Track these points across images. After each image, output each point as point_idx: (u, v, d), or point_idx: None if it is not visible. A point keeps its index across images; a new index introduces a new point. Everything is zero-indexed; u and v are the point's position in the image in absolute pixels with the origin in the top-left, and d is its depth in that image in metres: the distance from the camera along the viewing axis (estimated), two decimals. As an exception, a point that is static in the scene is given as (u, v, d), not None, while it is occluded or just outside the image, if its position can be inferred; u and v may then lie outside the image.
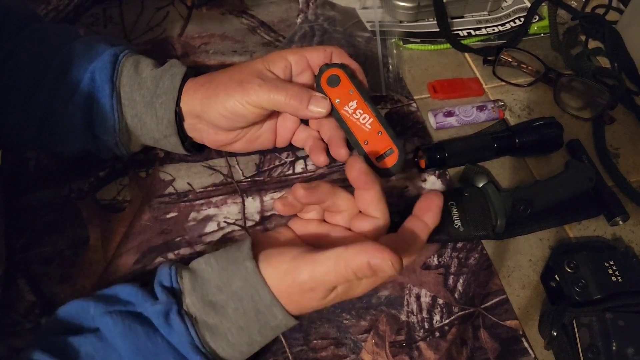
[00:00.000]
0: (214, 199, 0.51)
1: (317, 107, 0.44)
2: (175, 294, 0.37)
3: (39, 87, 0.45)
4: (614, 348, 0.40)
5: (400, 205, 0.51)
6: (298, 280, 0.36)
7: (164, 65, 0.47)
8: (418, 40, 0.66)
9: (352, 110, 0.45)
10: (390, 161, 0.45)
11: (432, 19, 0.68)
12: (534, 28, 0.69)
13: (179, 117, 0.46)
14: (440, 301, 0.46)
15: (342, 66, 0.46)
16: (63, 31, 0.49)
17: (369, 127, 0.45)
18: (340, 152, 0.47)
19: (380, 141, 0.45)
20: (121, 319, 0.35)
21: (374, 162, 0.45)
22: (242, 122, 0.46)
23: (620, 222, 0.52)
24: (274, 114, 0.49)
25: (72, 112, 0.45)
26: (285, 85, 0.44)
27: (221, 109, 0.44)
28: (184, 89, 0.46)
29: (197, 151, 0.51)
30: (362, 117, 0.45)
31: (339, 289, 0.37)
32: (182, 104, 0.46)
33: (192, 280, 0.37)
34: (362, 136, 0.45)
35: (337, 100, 0.46)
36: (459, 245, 0.50)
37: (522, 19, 0.69)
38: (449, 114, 0.58)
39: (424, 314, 0.46)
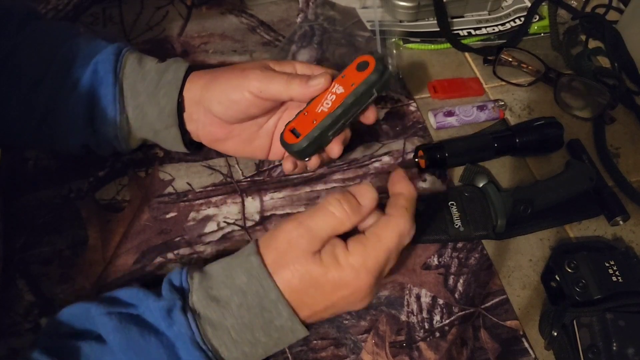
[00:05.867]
0: (213, 199, 0.51)
1: (316, 80, 0.43)
2: (183, 293, 0.37)
3: (40, 84, 0.45)
4: (614, 348, 0.40)
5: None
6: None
7: (168, 60, 0.48)
8: (418, 39, 0.66)
9: (332, 92, 0.44)
10: (293, 141, 0.44)
11: (432, 19, 0.68)
12: (534, 28, 0.69)
13: (180, 109, 0.46)
14: (441, 301, 0.46)
15: (380, 67, 0.44)
16: (64, 28, 0.50)
17: (323, 109, 0.44)
18: (334, 149, 0.46)
19: (308, 123, 0.44)
20: (117, 318, 0.35)
21: (284, 131, 0.45)
22: (235, 111, 0.45)
23: (621, 222, 0.52)
24: (270, 121, 0.48)
25: (74, 104, 0.45)
26: (285, 73, 0.45)
27: (218, 93, 0.44)
28: (189, 78, 0.46)
29: (195, 148, 0.51)
30: (327, 101, 0.44)
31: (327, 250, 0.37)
32: (184, 92, 0.46)
33: (200, 279, 0.38)
34: (310, 108, 0.44)
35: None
36: (459, 245, 0.49)
37: (522, 19, 0.69)
38: (449, 113, 0.58)
39: (424, 314, 0.45)
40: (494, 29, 0.69)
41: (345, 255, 0.37)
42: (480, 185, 0.50)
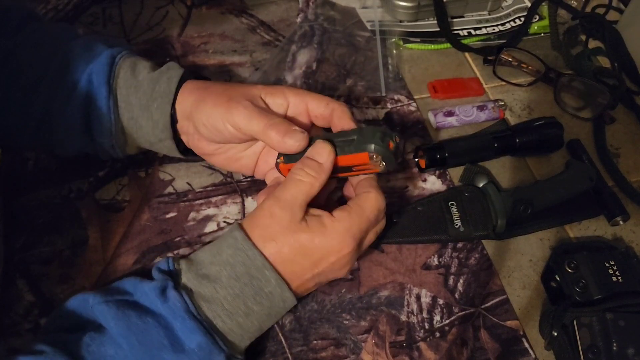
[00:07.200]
0: (213, 199, 0.51)
1: (292, 140, 0.41)
2: (172, 276, 0.38)
3: (38, 87, 0.45)
4: (614, 348, 0.40)
5: (400, 205, 0.51)
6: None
7: (162, 67, 0.47)
8: (418, 39, 0.66)
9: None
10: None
11: (432, 19, 0.68)
12: (534, 28, 0.69)
13: (174, 120, 0.46)
14: (441, 301, 0.46)
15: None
16: (62, 31, 0.49)
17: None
18: None
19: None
20: (115, 305, 0.36)
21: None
22: (219, 138, 0.44)
23: (621, 222, 0.52)
24: (258, 142, 0.47)
25: (71, 113, 0.45)
26: (268, 114, 0.42)
27: (204, 118, 0.43)
28: (181, 89, 0.46)
29: (192, 154, 0.50)
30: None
31: (312, 214, 0.40)
32: (177, 104, 0.45)
33: (188, 264, 0.39)
34: None
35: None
36: (459, 245, 0.49)
37: (522, 19, 0.69)
38: (449, 113, 0.58)
39: (424, 314, 0.45)
40: (494, 29, 0.69)
41: (331, 221, 0.39)
42: (480, 185, 0.50)
